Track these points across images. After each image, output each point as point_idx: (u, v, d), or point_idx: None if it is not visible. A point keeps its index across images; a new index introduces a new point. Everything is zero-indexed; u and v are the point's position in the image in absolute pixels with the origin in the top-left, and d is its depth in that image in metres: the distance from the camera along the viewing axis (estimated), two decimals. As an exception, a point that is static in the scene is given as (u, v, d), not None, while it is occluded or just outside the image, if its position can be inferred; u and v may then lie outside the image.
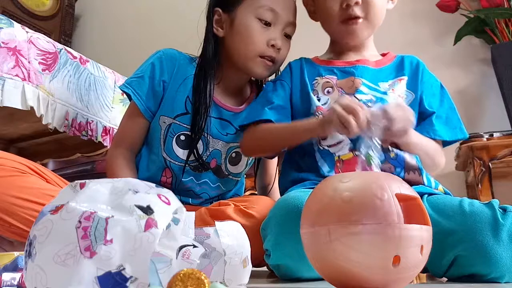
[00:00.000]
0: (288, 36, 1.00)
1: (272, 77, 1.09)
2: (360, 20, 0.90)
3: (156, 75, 0.99)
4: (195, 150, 0.96)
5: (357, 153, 0.83)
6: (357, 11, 0.89)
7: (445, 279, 0.72)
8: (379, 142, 0.68)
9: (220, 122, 1.01)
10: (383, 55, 0.99)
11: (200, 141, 0.97)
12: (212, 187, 1.02)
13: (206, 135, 0.98)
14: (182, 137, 0.97)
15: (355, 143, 0.81)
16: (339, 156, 0.84)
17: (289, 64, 1.00)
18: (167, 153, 0.97)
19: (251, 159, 1.07)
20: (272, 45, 0.95)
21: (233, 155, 1.03)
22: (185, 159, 0.97)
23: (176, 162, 0.98)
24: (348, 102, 0.71)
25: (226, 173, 1.03)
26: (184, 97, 0.99)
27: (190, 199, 1.00)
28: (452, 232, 0.66)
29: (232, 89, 1.05)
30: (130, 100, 1.01)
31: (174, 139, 0.97)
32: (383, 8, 0.93)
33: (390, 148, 0.83)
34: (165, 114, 0.98)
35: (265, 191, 1.15)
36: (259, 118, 0.91)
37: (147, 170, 1.00)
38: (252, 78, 1.09)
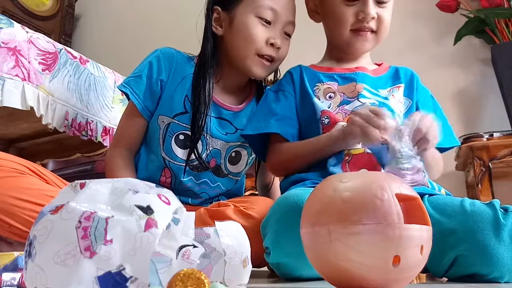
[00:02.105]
0: (287, 35, 1.00)
1: (271, 77, 1.09)
2: (369, 34, 0.92)
3: (153, 74, 0.99)
4: (195, 150, 0.96)
5: (367, 150, 0.83)
6: (372, 24, 0.91)
7: (445, 279, 0.72)
8: (409, 148, 0.70)
9: (219, 122, 1.01)
10: (377, 65, 1.01)
11: (200, 141, 0.97)
12: (212, 187, 1.02)
13: (205, 134, 0.98)
14: (181, 137, 0.97)
15: (380, 156, 0.82)
16: (349, 150, 0.84)
17: (290, 72, 1.00)
18: (166, 152, 0.97)
19: (251, 158, 1.07)
20: (272, 44, 0.95)
21: (233, 154, 1.03)
22: (184, 158, 0.97)
23: (176, 162, 0.97)
24: (367, 112, 0.74)
25: (226, 173, 1.03)
26: (183, 96, 0.98)
27: (189, 199, 1.00)
28: (453, 232, 0.66)
29: (231, 88, 1.05)
30: (128, 100, 1.01)
31: (173, 138, 0.97)
32: (389, 25, 0.95)
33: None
34: (164, 113, 0.98)
35: (265, 190, 1.15)
36: (266, 131, 0.91)
37: (146, 170, 0.99)
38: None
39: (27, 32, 1.04)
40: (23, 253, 0.42)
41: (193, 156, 0.97)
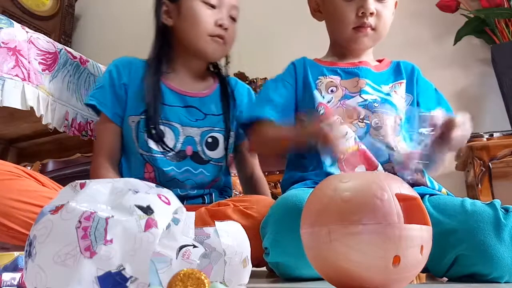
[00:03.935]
0: (233, 19, 1.05)
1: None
2: (369, 30, 0.93)
3: (115, 80, 1.04)
4: (157, 138, 0.99)
5: (362, 146, 0.84)
6: (371, 21, 0.91)
7: (445, 279, 0.72)
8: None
9: (186, 110, 1.04)
10: (379, 61, 1.02)
11: (170, 131, 1.01)
12: (195, 174, 1.02)
13: (174, 124, 1.01)
14: (153, 131, 1.00)
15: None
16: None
17: (293, 64, 1.01)
18: (142, 148, 1.00)
19: (230, 143, 1.08)
20: (220, 25, 1.01)
21: (209, 140, 1.04)
22: (157, 150, 0.99)
23: (153, 154, 0.99)
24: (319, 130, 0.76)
25: (206, 159, 1.04)
26: None
27: (178, 189, 0.99)
28: (453, 231, 0.66)
29: (192, 76, 1.10)
30: (96, 112, 1.06)
31: (145, 133, 1.00)
32: (390, 21, 0.96)
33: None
34: (132, 113, 1.02)
35: (249, 183, 1.15)
36: (260, 116, 0.92)
37: (129, 174, 1.01)
38: (212, 69, 1.15)
39: (27, 32, 1.04)
40: (23, 253, 0.42)
41: (155, 146, 0.98)
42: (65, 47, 1.15)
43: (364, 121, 0.87)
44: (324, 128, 0.75)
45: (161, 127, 1.00)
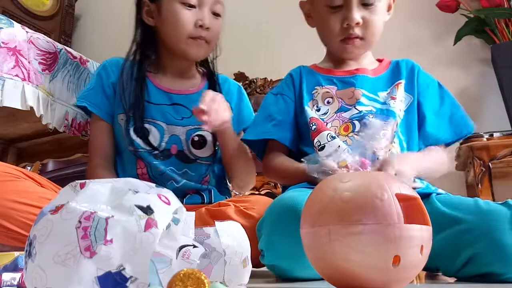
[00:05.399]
0: (217, 15, 1.04)
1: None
2: (358, 40, 0.91)
3: (104, 80, 1.05)
4: (148, 138, 1.00)
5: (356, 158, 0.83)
6: (357, 31, 0.90)
7: (448, 279, 0.71)
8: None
9: (173, 108, 1.04)
10: (379, 60, 1.00)
11: (155, 129, 1.01)
12: (179, 173, 1.01)
13: (159, 122, 1.02)
14: (138, 129, 1.01)
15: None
16: (337, 163, 0.84)
17: (291, 75, 1.01)
18: (132, 145, 1.00)
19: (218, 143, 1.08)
20: (201, 26, 1.00)
21: (195, 138, 1.04)
22: (145, 146, 0.99)
23: (142, 150, 1.00)
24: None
25: (193, 158, 1.03)
26: None
27: (173, 182, 0.99)
28: (468, 230, 0.66)
29: (179, 74, 1.10)
30: (87, 114, 1.08)
31: (132, 130, 1.00)
32: (382, 25, 0.94)
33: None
34: (121, 111, 1.03)
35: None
36: (264, 137, 0.94)
37: (122, 171, 1.02)
38: (199, 68, 1.15)
39: (27, 32, 1.04)
40: (23, 253, 0.42)
41: (141, 143, 0.99)
42: (65, 47, 1.15)
43: (360, 133, 0.87)
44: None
45: (146, 125, 1.00)
